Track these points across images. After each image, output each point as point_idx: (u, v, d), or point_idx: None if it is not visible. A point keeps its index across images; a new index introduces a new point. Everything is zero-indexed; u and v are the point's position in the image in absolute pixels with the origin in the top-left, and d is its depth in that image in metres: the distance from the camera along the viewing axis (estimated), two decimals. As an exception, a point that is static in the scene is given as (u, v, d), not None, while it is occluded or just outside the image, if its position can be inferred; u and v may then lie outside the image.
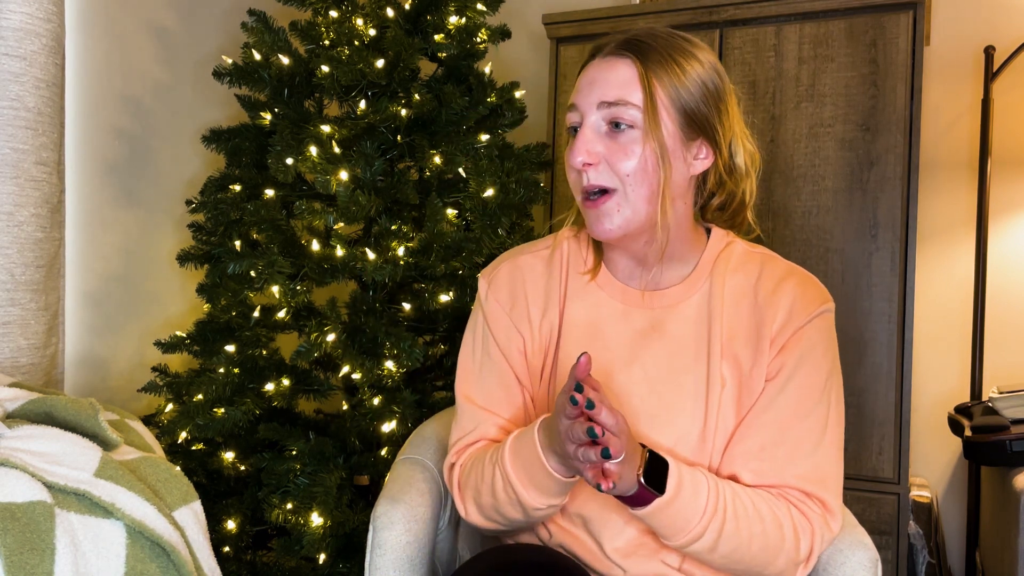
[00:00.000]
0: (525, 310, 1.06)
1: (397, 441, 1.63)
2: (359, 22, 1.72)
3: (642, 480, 0.84)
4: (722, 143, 0.97)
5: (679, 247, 1.01)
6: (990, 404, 1.72)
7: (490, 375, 1.06)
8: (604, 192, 0.94)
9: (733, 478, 0.95)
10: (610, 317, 1.02)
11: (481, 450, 1.02)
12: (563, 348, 1.03)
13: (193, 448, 1.71)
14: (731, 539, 0.88)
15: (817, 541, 0.93)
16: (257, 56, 1.77)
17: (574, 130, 0.96)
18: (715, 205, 1.03)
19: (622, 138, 0.92)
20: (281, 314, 1.67)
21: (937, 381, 2.07)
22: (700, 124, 0.95)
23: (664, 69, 0.93)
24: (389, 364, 1.60)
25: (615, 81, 0.93)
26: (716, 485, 0.89)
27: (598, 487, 0.82)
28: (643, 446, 0.88)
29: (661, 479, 0.86)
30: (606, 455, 0.80)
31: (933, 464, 2.08)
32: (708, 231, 1.05)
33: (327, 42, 1.75)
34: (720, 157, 0.98)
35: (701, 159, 0.97)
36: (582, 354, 0.82)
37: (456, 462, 1.05)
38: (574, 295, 1.04)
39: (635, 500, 0.86)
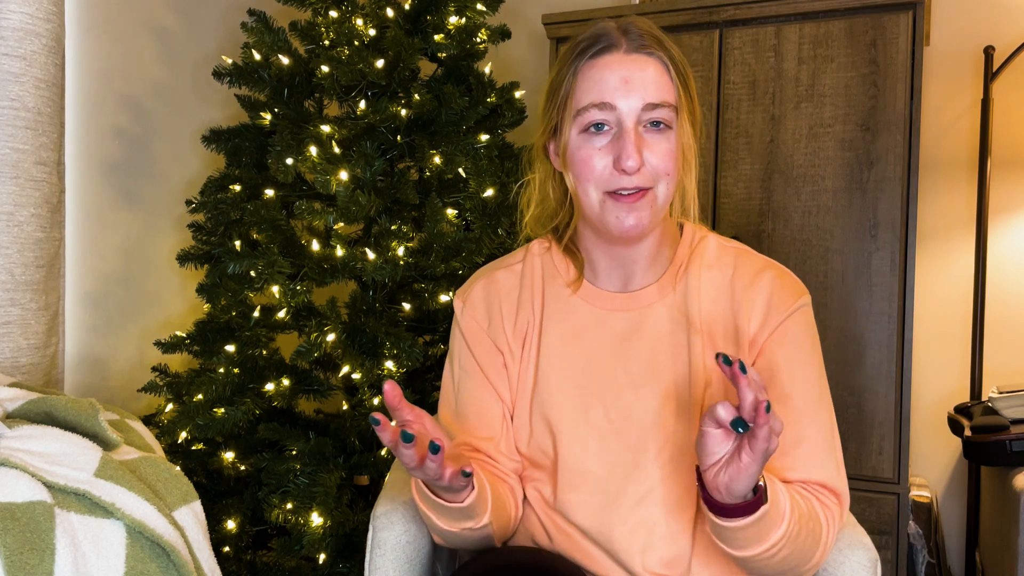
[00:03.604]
0: (501, 325, 1.05)
1: (397, 441, 1.63)
2: (359, 22, 1.72)
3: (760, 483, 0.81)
4: (698, 135, 0.99)
5: (661, 245, 1.01)
6: (990, 404, 1.72)
7: (465, 396, 1.06)
8: (640, 190, 0.93)
9: None
10: (589, 323, 1.02)
11: None
12: (544, 360, 1.02)
13: (193, 448, 1.71)
14: (795, 542, 0.86)
15: (835, 532, 0.93)
16: (257, 56, 1.77)
17: (599, 127, 0.93)
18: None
19: (658, 138, 0.93)
20: (281, 314, 1.67)
21: (937, 381, 2.07)
22: (696, 118, 0.97)
23: (683, 68, 0.95)
24: (389, 364, 1.60)
25: (652, 81, 0.92)
26: (785, 488, 0.87)
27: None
28: None
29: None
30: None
31: (933, 464, 2.08)
32: (680, 226, 1.06)
33: (327, 42, 1.75)
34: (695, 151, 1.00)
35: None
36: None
37: None
38: (551, 306, 1.04)
39: (737, 509, 0.81)
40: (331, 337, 1.61)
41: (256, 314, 1.72)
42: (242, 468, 1.71)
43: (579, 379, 1.00)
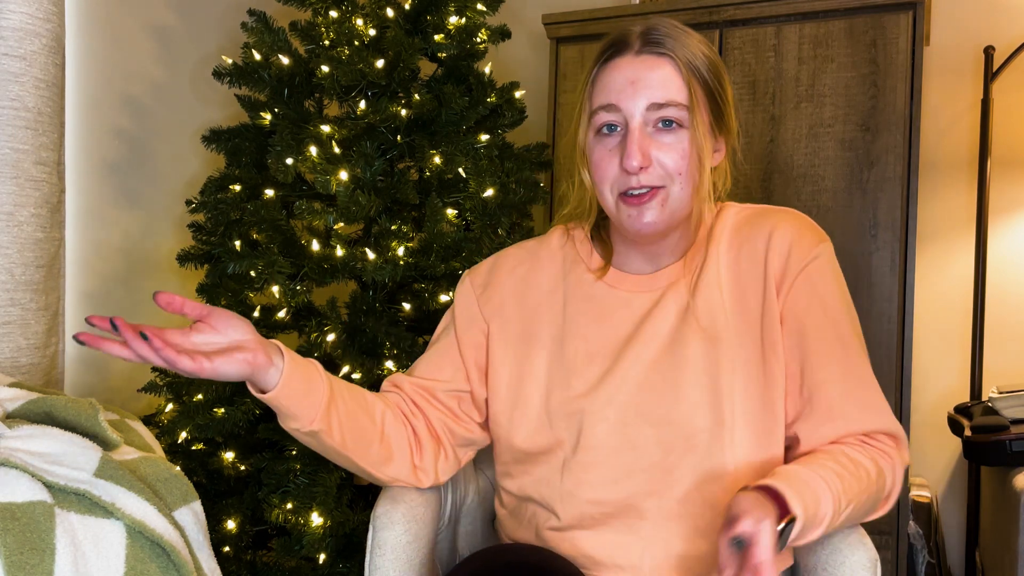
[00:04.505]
0: (498, 292, 1.07)
1: (397, 441, 1.63)
2: (359, 22, 1.72)
3: (780, 527, 0.82)
4: (734, 132, 1.01)
5: (685, 229, 1.02)
6: (990, 404, 1.72)
7: (434, 349, 1.11)
8: (651, 189, 0.94)
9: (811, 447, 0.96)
10: (614, 306, 1.03)
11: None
12: (570, 344, 1.03)
13: (193, 448, 1.71)
14: (851, 505, 0.89)
15: (898, 474, 0.94)
16: (257, 56, 1.77)
17: (611, 128, 0.95)
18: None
19: (669, 137, 0.94)
20: (281, 314, 1.67)
21: (937, 381, 2.07)
22: (723, 112, 0.98)
23: (698, 66, 0.95)
24: (389, 364, 1.60)
25: (660, 81, 0.93)
26: (822, 465, 0.88)
27: None
28: (756, 488, 0.86)
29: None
30: (740, 545, 0.77)
31: (933, 464, 2.08)
32: None
33: (327, 42, 1.75)
34: (728, 146, 1.02)
35: (719, 152, 1.01)
36: None
37: None
38: (574, 293, 1.05)
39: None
40: (331, 337, 1.61)
41: (256, 314, 1.72)
42: (242, 468, 1.71)
43: (604, 360, 1.01)
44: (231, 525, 1.65)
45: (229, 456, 1.70)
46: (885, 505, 0.96)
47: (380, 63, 1.69)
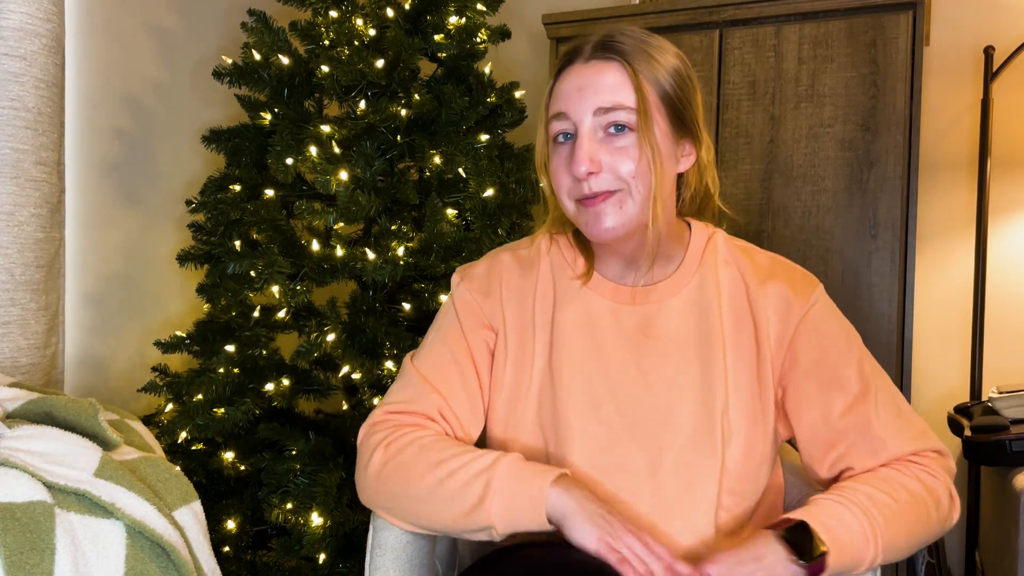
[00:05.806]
0: (500, 303, 1.05)
1: (397, 441, 1.63)
2: (359, 22, 1.72)
3: (803, 563, 0.84)
4: (702, 136, 0.99)
5: (667, 244, 1.01)
6: (990, 404, 1.72)
7: (443, 349, 1.05)
8: (605, 192, 0.93)
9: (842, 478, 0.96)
10: (602, 315, 1.02)
11: (434, 436, 0.98)
12: (556, 352, 1.01)
13: (193, 448, 1.71)
14: (893, 538, 0.89)
15: (949, 483, 0.95)
16: (257, 56, 1.77)
17: (565, 136, 0.95)
18: (687, 199, 1.04)
19: (620, 142, 0.93)
20: (281, 314, 1.67)
21: (937, 381, 2.07)
22: (684, 119, 0.96)
23: (649, 67, 0.94)
24: (389, 364, 1.61)
25: (606, 86, 0.92)
26: (856, 502, 0.89)
27: None
28: (776, 526, 0.87)
29: (809, 540, 0.85)
30: None
31: (933, 464, 2.07)
32: (688, 224, 1.06)
33: (327, 42, 1.75)
34: (698, 152, 1.00)
35: (686, 156, 0.99)
36: None
37: (381, 422, 1.02)
38: (563, 297, 1.04)
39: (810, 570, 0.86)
40: (331, 337, 1.61)
41: (256, 314, 1.72)
42: (242, 468, 1.71)
43: (591, 374, 0.99)
44: (231, 525, 1.65)
45: (229, 456, 1.70)
46: (948, 521, 0.95)
47: (380, 63, 1.69)
